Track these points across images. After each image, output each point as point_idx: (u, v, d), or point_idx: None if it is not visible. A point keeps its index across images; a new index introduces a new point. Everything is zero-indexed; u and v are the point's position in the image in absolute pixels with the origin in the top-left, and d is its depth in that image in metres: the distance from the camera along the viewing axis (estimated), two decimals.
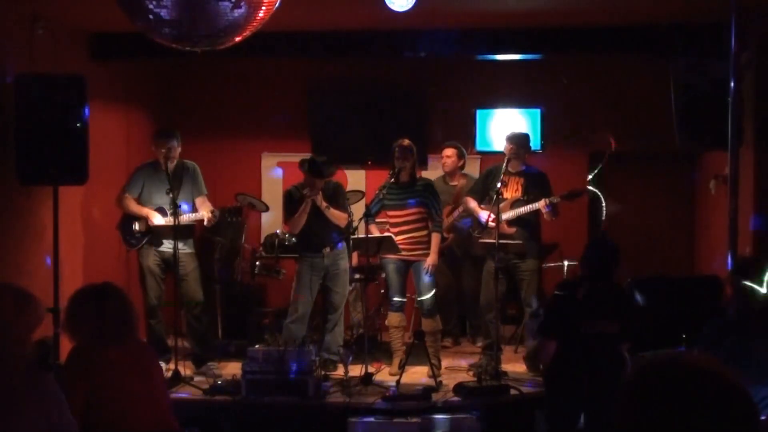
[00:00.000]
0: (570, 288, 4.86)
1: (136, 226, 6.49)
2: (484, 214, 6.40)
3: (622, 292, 4.88)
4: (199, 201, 6.56)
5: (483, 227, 6.43)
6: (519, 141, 6.53)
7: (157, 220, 6.41)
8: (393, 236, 6.34)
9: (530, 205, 6.37)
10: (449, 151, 7.45)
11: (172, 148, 6.42)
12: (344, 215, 6.47)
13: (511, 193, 6.48)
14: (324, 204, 6.31)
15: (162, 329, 6.51)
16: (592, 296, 4.66)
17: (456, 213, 7.20)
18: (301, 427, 5.57)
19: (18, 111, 5.68)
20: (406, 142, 6.40)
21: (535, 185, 6.46)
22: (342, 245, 6.52)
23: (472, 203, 6.67)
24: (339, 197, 6.52)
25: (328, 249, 6.43)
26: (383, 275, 6.75)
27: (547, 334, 4.98)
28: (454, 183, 7.46)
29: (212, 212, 6.37)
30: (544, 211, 6.30)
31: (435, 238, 6.40)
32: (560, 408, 4.73)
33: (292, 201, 6.45)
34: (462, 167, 7.51)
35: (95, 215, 7.13)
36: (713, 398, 1.49)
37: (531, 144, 6.79)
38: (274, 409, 5.62)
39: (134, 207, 6.48)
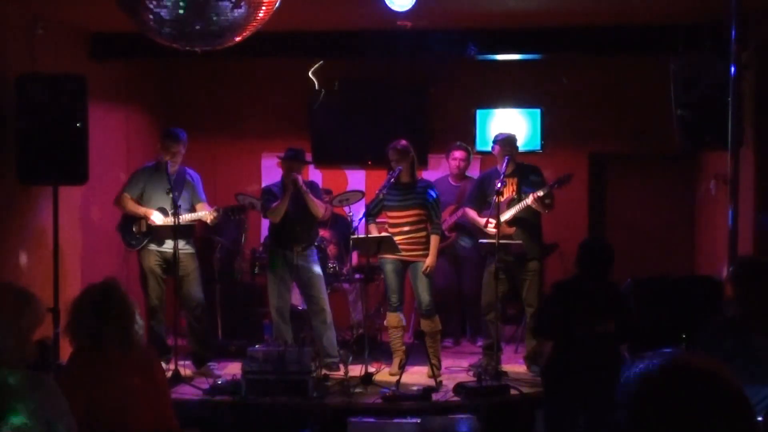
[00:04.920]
0: (565, 288, 4.85)
1: (135, 228, 6.48)
2: (483, 221, 6.44)
3: (618, 291, 4.86)
4: (198, 207, 6.56)
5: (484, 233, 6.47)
6: (506, 142, 6.52)
7: (156, 218, 6.40)
8: (392, 236, 6.34)
9: (522, 203, 6.38)
10: (460, 154, 7.46)
11: (178, 153, 6.44)
12: (322, 203, 6.53)
13: (507, 193, 6.49)
14: (304, 188, 6.38)
15: (162, 329, 6.51)
16: (587, 296, 4.65)
17: (459, 213, 7.20)
18: (301, 427, 5.56)
19: (18, 111, 5.69)
20: (401, 143, 6.39)
21: (529, 181, 6.48)
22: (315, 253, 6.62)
23: (472, 213, 6.67)
24: (315, 190, 6.61)
25: (300, 248, 6.45)
26: (382, 276, 6.75)
27: (542, 334, 4.94)
28: (458, 184, 7.48)
29: (215, 209, 6.38)
30: (534, 206, 6.32)
31: (434, 241, 6.40)
32: (559, 408, 4.72)
33: (270, 194, 6.53)
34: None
35: (95, 215, 7.13)
36: (711, 399, 1.49)
37: (518, 144, 6.71)
38: (274, 409, 5.62)
39: (132, 206, 6.46)
